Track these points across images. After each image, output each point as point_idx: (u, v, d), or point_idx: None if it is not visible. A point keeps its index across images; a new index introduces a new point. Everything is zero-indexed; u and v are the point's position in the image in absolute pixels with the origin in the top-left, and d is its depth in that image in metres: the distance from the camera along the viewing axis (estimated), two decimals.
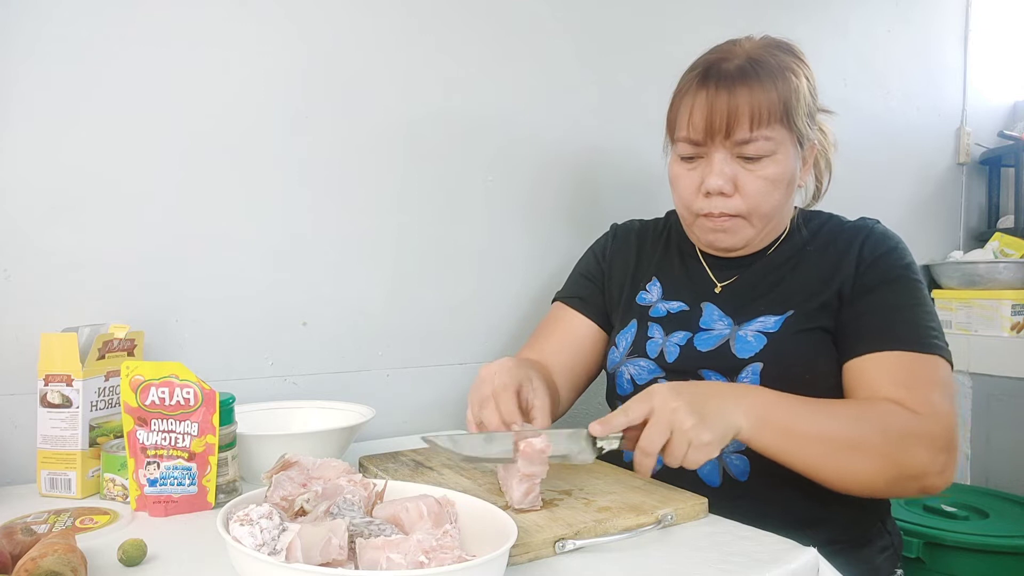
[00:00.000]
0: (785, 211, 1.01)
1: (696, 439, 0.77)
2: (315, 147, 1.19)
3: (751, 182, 0.95)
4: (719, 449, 0.79)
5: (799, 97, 0.94)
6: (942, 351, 0.91)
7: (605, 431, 0.80)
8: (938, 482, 0.85)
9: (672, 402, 0.78)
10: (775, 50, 0.97)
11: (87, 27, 1.01)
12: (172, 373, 0.81)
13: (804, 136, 0.97)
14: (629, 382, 1.04)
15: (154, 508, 0.81)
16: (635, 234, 1.17)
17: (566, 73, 1.44)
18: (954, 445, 0.85)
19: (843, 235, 1.01)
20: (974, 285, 1.99)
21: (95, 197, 1.02)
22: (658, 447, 0.78)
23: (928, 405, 0.86)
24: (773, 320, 0.97)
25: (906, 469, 0.83)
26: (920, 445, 0.83)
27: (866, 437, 0.83)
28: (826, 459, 0.83)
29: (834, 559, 0.73)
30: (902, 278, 0.95)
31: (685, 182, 0.99)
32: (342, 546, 0.58)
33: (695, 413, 0.77)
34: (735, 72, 0.93)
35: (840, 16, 1.92)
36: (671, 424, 0.77)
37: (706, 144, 0.95)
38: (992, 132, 2.27)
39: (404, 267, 1.28)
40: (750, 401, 0.83)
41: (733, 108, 0.92)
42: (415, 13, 1.27)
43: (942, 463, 0.84)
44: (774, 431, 0.82)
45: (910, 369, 0.89)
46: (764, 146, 0.93)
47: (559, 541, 0.70)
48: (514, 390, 0.85)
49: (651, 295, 1.09)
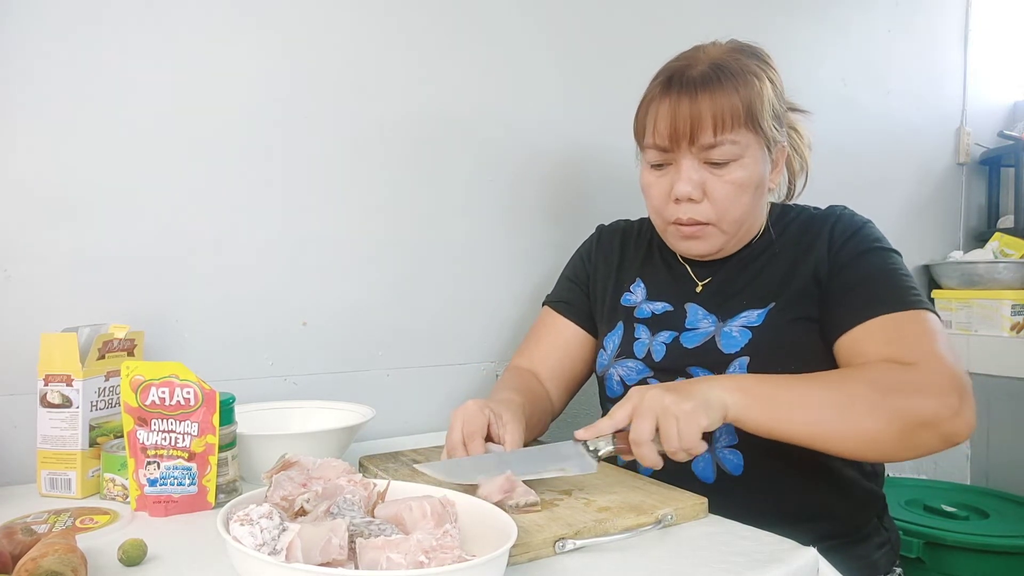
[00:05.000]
0: (757, 214, 1.02)
1: (679, 409, 0.77)
2: (315, 147, 1.19)
3: (719, 187, 0.95)
4: (706, 417, 0.78)
5: (763, 100, 0.95)
6: (926, 305, 0.91)
7: (591, 434, 0.82)
8: (957, 426, 0.81)
9: (650, 392, 0.80)
10: (739, 54, 0.97)
11: (87, 28, 1.01)
12: (172, 373, 0.81)
13: (772, 139, 0.97)
14: (619, 383, 1.05)
15: (154, 508, 0.81)
16: (619, 235, 1.18)
17: (565, 73, 1.44)
18: (962, 386, 0.82)
19: (814, 223, 1.02)
20: (974, 285, 1.99)
21: (95, 197, 1.03)
22: (647, 434, 0.78)
23: (920, 354, 0.85)
24: (756, 314, 0.97)
25: (911, 417, 0.80)
26: (919, 392, 0.81)
27: (857, 394, 0.82)
28: (822, 425, 0.82)
29: (831, 555, 0.74)
30: (873, 250, 0.96)
31: (655, 190, 1.00)
32: (342, 546, 0.58)
33: (672, 391, 0.79)
34: (698, 78, 0.94)
35: (840, 16, 1.92)
36: (652, 408, 0.78)
37: (673, 151, 0.96)
38: (992, 132, 2.27)
39: (404, 267, 1.28)
40: (731, 380, 0.85)
41: (696, 114, 0.92)
42: (406, 16, 1.27)
43: (954, 405, 0.80)
44: (762, 404, 0.82)
45: (897, 327, 0.88)
46: (730, 150, 0.94)
47: (559, 541, 0.70)
48: (482, 435, 0.87)
49: (635, 296, 1.09)
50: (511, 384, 1.06)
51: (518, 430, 0.89)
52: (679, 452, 0.79)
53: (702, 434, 0.78)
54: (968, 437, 0.82)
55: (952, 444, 0.82)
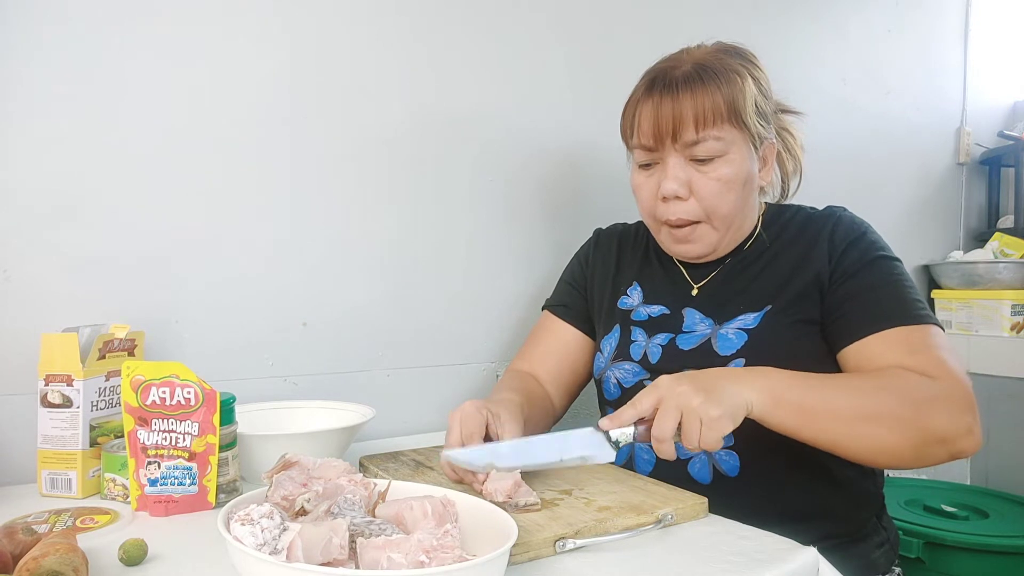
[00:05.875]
0: (747, 211, 1.02)
1: (705, 415, 0.76)
2: (316, 148, 1.19)
3: (705, 184, 0.96)
4: (732, 423, 0.78)
5: (746, 96, 0.95)
6: (933, 320, 0.91)
7: (614, 424, 0.80)
8: (967, 444, 0.82)
9: (678, 386, 0.78)
10: (723, 55, 0.98)
11: (87, 30, 1.01)
12: (172, 373, 0.81)
13: (757, 135, 0.98)
14: (616, 386, 1.05)
15: (155, 508, 0.81)
16: (616, 239, 1.18)
17: (567, 75, 1.44)
18: (974, 406, 0.84)
19: (811, 224, 1.02)
20: (974, 285, 1.99)
21: (95, 198, 1.03)
22: (670, 432, 0.77)
23: (940, 368, 0.85)
24: (753, 316, 0.97)
25: (931, 434, 0.81)
26: (942, 408, 0.82)
27: (886, 405, 0.82)
28: (845, 433, 0.82)
29: (830, 554, 0.73)
30: (878, 259, 0.96)
31: (644, 191, 1.01)
32: (343, 546, 0.58)
33: (701, 391, 0.77)
34: (680, 78, 0.95)
35: (840, 16, 1.92)
36: (679, 406, 0.77)
37: (658, 149, 0.97)
38: (992, 132, 2.27)
39: (404, 267, 1.28)
40: (760, 378, 0.83)
41: (678, 111, 0.94)
42: (409, 18, 1.27)
43: (967, 424, 0.82)
44: (788, 407, 0.81)
45: (909, 341, 0.89)
46: (714, 146, 0.94)
47: (559, 540, 0.70)
48: (480, 435, 0.86)
49: (632, 299, 1.10)
50: (509, 385, 1.06)
51: (516, 430, 0.89)
52: (695, 449, 0.78)
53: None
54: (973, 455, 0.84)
55: (957, 459, 0.83)
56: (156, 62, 1.06)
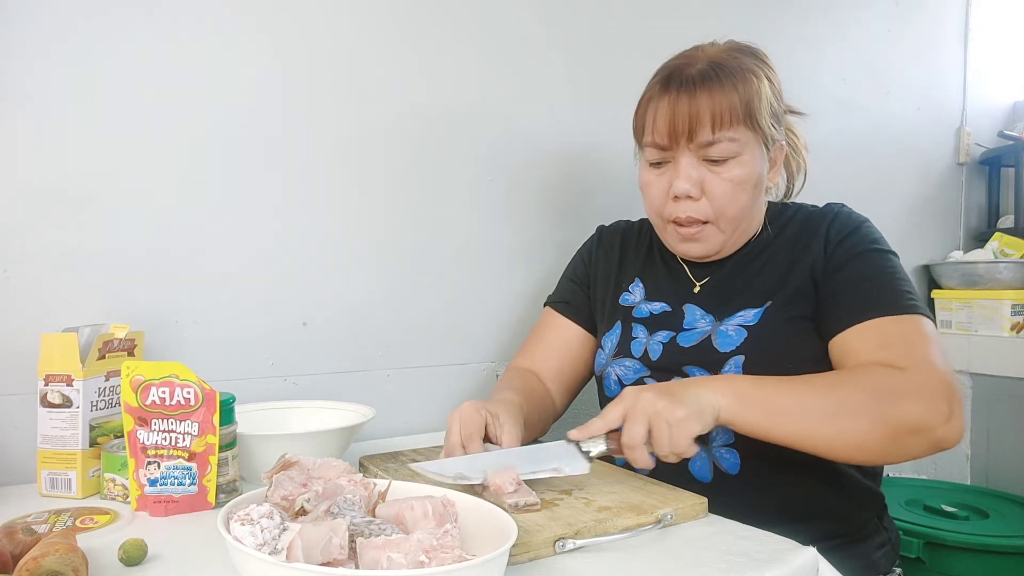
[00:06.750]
0: (754, 213, 1.02)
1: (671, 416, 0.78)
2: (314, 148, 1.19)
3: (717, 185, 0.95)
4: (699, 424, 0.79)
5: (761, 98, 0.95)
6: (922, 310, 0.90)
7: (583, 435, 0.82)
8: (948, 432, 0.81)
9: (643, 394, 0.80)
10: (737, 53, 0.98)
11: (87, 28, 1.01)
12: (172, 373, 0.81)
13: (770, 137, 0.98)
14: (616, 383, 1.05)
15: (154, 508, 0.81)
16: (619, 236, 1.18)
17: (567, 73, 1.44)
18: (953, 392, 0.82)
19: (811, 221, 1.02)
20: (974, 285, 1.99)
21: (95, 197, 1.03)
22: (640, 437, 0.79)
23: (913, 359, 0.85)
24: (753, 313, 0.97)
25: (902, 425, 0.81)
26: (910, 398, 0.81)
27: (851, 399, 0.82)
28: (813, 428, 0.82)
29: (831, 554, 0.74)
30: (870, 251, 0.96)
31: (654, 189, 1.00)
32: (343, 545, 0.58)
33: (666, 395, 0.79)
34: (696, 76, 0.94)
35: (841, 16, 1.92)
36: (645, 411, 0.79)
37: (672, 148, 0.97)
38: (992, 132, 2.27)
39: (404, 267, 1.28)
40: (725, 382, 0.84)
41: (695, 111, 0.93)
42: (406, 15, 1.27)
43: (944, 412, 0.81)
44: (753, 408, 0.82)
45: (892, 331, 0.88)
46: (728, 147, 0.94)
47: (559, 540, 0.70)
48: (479, 436, 0.87)
49: (634, 296, 1.10)
50: (510, 384, 1.06)
51: (515, 430, 0.89)
52: (669, 456, 0.80)
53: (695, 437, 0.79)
54: (956, 443, 0.83)
55: (940, 449, 0.83)
56: (156, 63, 1.06)
